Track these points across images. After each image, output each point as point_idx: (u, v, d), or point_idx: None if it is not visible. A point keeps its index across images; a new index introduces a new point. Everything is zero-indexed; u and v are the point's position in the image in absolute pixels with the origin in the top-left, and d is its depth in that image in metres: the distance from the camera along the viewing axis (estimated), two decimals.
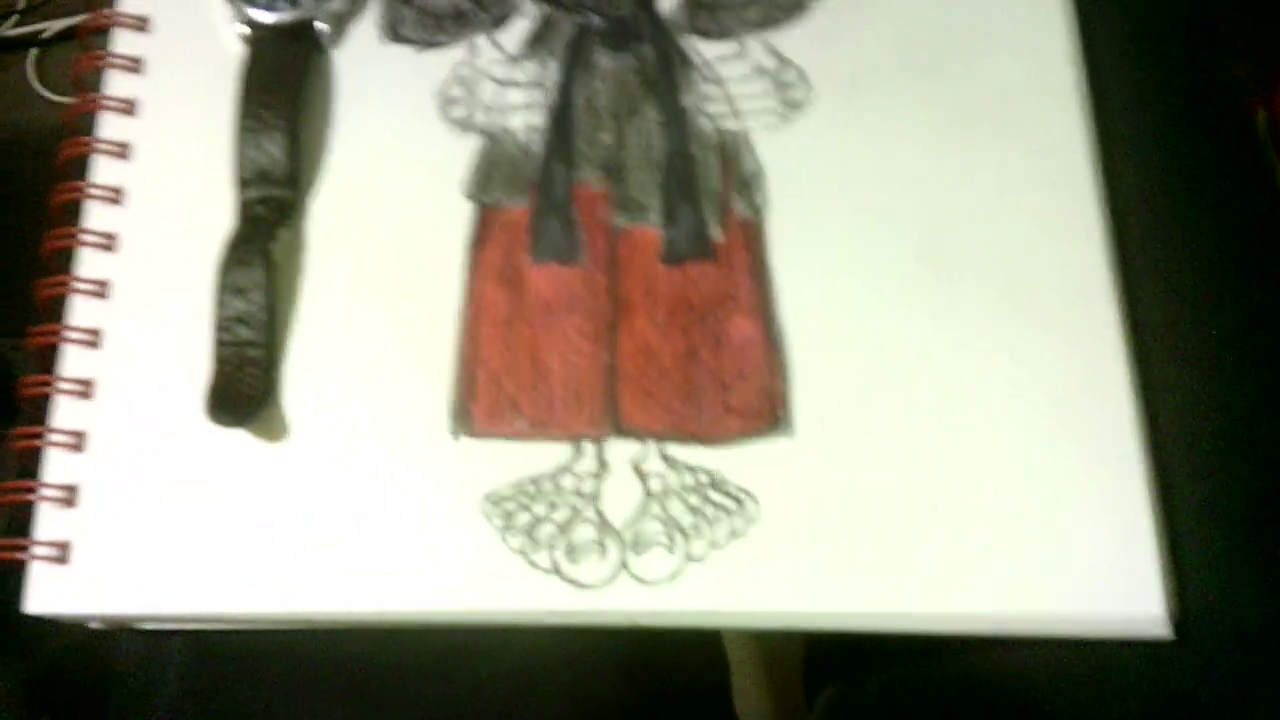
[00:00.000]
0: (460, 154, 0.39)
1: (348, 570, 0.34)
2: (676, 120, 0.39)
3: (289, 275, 0.38)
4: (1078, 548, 0.32)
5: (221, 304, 0.36)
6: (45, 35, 0.75)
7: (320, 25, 0.40)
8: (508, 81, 0.40)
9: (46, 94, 0.74)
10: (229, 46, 0.40)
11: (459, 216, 0.38)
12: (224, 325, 0.36)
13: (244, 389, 0.36)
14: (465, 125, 0.39)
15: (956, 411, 0.34)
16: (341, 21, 0.41)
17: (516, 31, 0.41)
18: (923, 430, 0.34)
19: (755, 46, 0.39)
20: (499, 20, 0.41)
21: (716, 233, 0.37)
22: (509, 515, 0.34)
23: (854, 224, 0.37)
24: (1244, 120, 0.40)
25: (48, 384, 0.37)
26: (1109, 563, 0.32)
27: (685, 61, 0.40)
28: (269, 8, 0.40)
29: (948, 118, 0.38)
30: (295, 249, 0.38)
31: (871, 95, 0.38)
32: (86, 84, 0.41)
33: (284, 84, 0.39)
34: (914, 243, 0.36)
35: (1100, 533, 0.32)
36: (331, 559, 0.34)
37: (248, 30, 0.40)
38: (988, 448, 0.34)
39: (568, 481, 0.35)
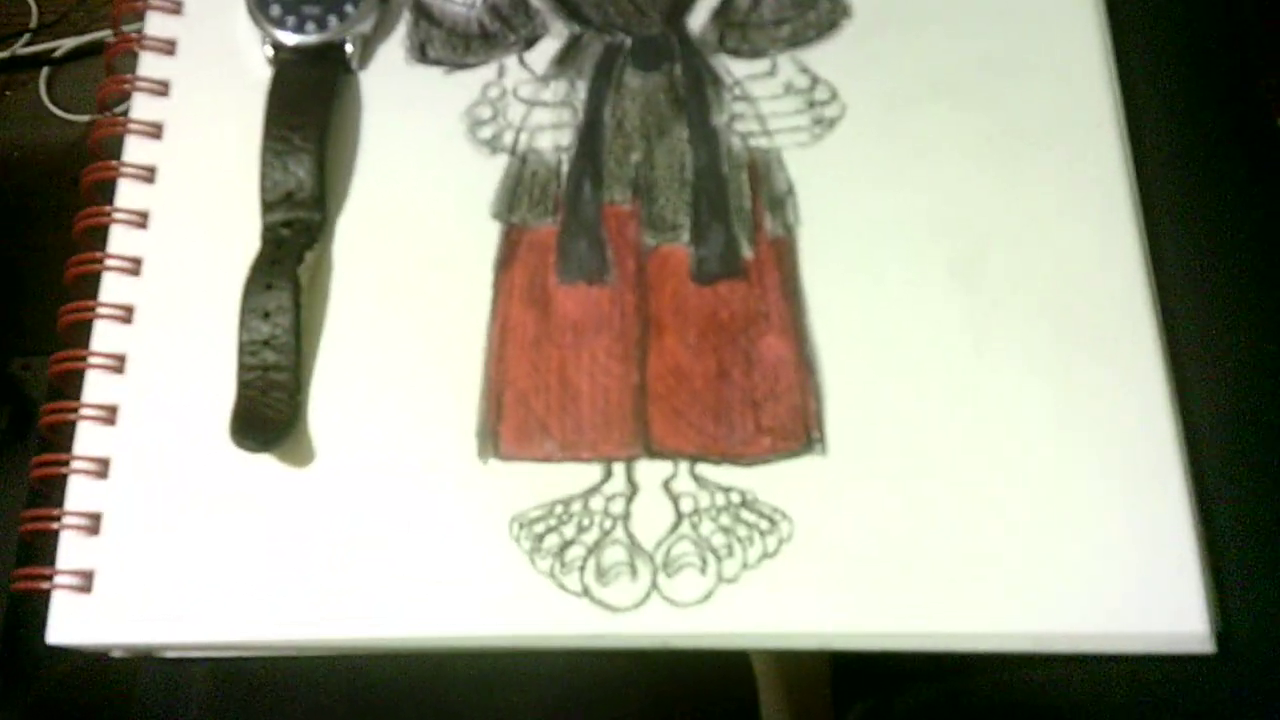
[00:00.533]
0: (488, 174, 0.39)
1: (375, 597, 0.34)
2: (707, 139, 0.39)
3: (315, 297, 0.37)
4: (1119, 565, 0.32)
5: (247, 328, 0.36)
6: (57, 54, 0.75)
7: (348, 47, 0.40)
8: (536, 102, 0.40)
9: (58, 112, 0.75)
10: (256, 69, 0.40)
11: (487, 237, 0.38)
12: (249, 349, 0.36)
13: (269, 413, 0.35)
14: (494, 146, 0.39)
15: (991, 429, 0.34)
16: (369, 43, 0.41)
17: (545, 51, 0.40)
18: (957, 448, 0.34)
19: (787, 64, 0.39)
20: (528, 41, 0.41)
21: (747, 251, 0.37)
22: (538, 538, 0.34)
23: (887, 242, 0.37)
24: (1273, 135, 0.40)
25: (71, 410, 0.36)
26: (1151, 579, 0.32)
27: (716, 80, 0.39)
28: (296, 29, 0.40)
29: (982, 137, 0.38)
30: (322, 270, 0.38)
31: (905, 113, 0.38)
32: (109, 106, 0.41)
33: (311, 106, 0.39)
34: (948, 260, 0.36)
35: (1141, 549, 0.32)
36: (359, 586, 0.34)
37: (274, 52, 0.40)
38: (1024, 465, 0.33)
39: (597, 503, 0.34)
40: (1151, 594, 0.32)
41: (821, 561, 0.33)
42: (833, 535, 0.33)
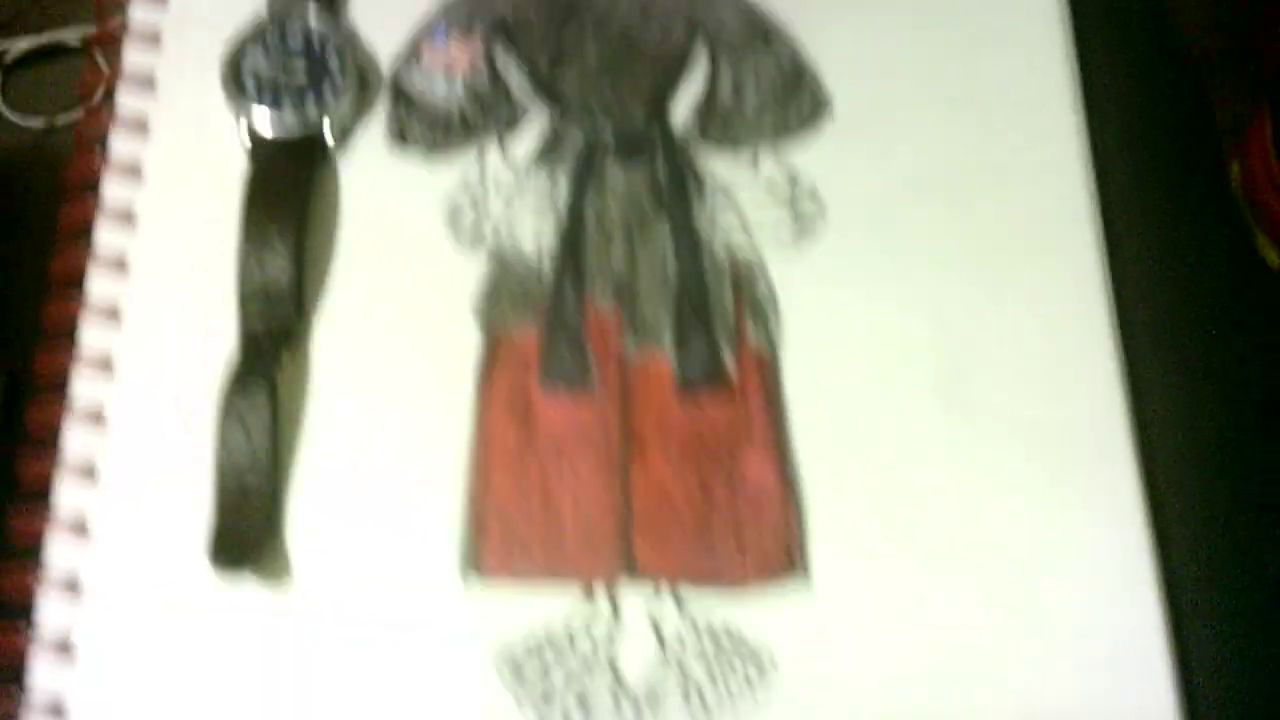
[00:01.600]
0: (469, 270, 0.38)
1: None
2: (689, 243, 0.38)
3: (293, 401, 0.36)
4: (1098, 686, 0.33)
5: (223, 440, 0.35)
6: (8, 57, 0.72)
7: (325, 134, 0.39)
8: (516, 196, 0.39)
9: (11, 116, 0.72)
10: (231, 154, 0.39)
11: (468, 338, 0.37)
12: (226, 462, 0.35)
13: (246, 531, 0.34)
14: (474, 240, 0.38)
15: (972, 552, 0.34)
16: (347, 130, 0.39)
17: (526, 142, 0.40)
18: (939, 570, 0.34)
19: (768, 160, 0.39)
20: (508, 124, 0.40)
21: (729, 359, 0.37)
22: (518, 666, 0.34)
23: (870, 356, 0.37)
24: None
25: (42, 523, 0.35)
26: (1126, 701, 0.33)
27: (698, 179, 0.39)
28: (273, 106, 0.38)
29: (963, 243, 0.38)
30: (300, 374, 0.37)
31: (885, 216, 0.38)
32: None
33: (288, 199, 0.38)
34: (930, 376, 0.36)
35: (1116, 669, 0.33)
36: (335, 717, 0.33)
37: (250, 144, 0.39)
38: (1006, 591, 0.34)
39: (579, 628, 0.34)
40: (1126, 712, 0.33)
41: (804, 693, 0.33)
42: (816, 666, 0.33)
